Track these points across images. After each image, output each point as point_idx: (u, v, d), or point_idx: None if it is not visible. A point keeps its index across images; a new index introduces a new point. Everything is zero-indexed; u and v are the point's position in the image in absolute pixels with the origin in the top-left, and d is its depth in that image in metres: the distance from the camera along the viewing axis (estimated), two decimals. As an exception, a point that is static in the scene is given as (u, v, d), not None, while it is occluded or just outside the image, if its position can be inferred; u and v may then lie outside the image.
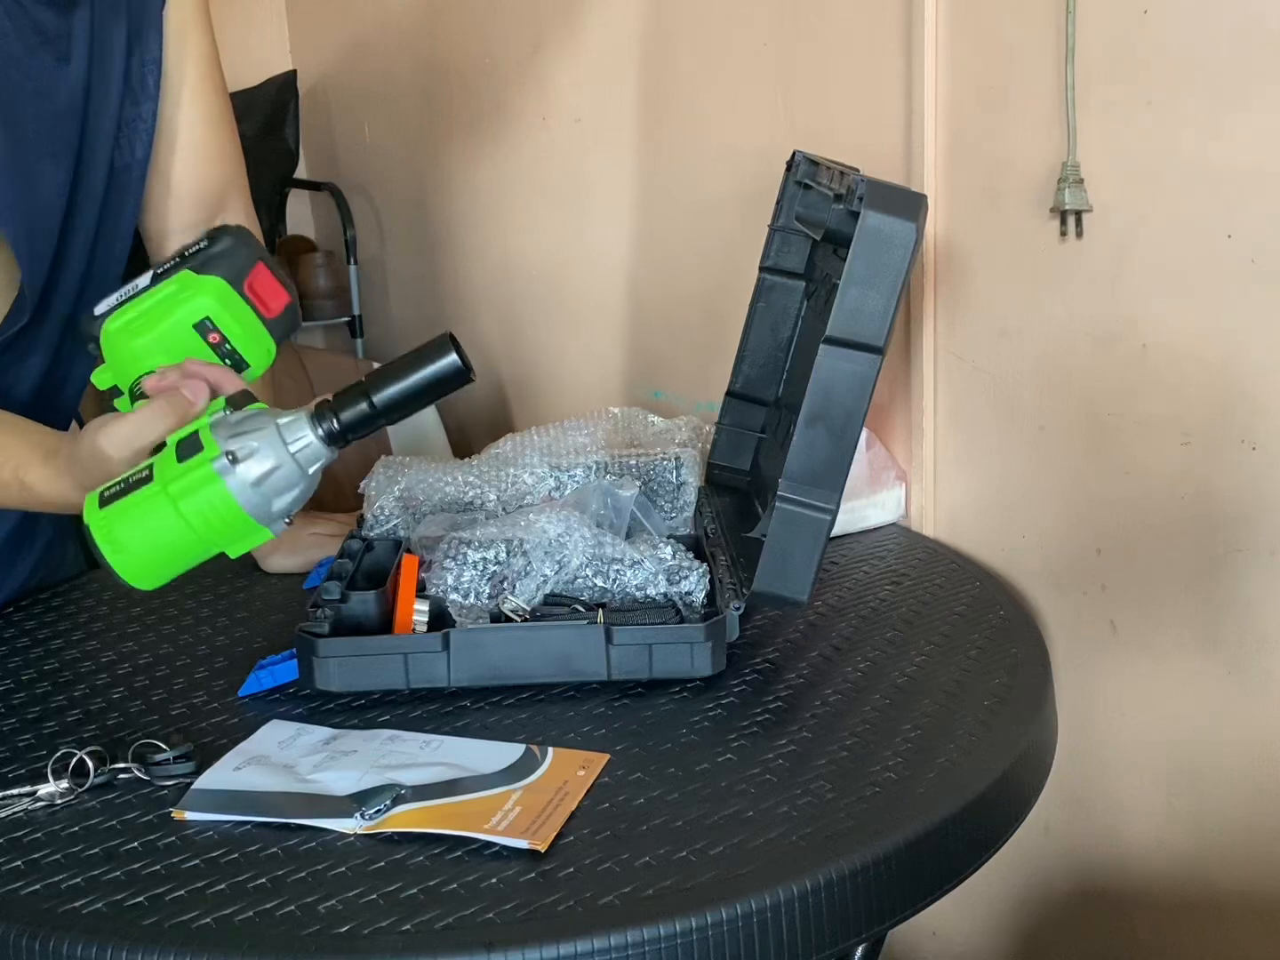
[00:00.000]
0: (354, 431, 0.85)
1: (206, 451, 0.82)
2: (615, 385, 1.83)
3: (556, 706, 0.95)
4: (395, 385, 0.85)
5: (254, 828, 0.80)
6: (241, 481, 0.82)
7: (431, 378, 0.85)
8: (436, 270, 2.29)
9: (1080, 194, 1.10)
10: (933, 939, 1.43)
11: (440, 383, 0.85)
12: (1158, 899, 1.19)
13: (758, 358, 1.26)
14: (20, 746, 0.93)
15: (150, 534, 0.82)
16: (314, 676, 0.96)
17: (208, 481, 0.82)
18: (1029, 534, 1.24)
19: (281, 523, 0.84)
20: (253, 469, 0.82)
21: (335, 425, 0.85)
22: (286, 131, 2.49)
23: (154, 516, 0.82)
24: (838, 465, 0.97)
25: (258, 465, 0.82)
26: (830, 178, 1.07)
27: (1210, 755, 1.12)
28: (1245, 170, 1.00)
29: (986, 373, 1.24)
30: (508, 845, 0.76)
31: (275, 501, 0.83)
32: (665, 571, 1.03)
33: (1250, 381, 1.03)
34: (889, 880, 0.76)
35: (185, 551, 0.84)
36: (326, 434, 0.85)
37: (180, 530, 0.82)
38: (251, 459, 0.82)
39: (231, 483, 0.82)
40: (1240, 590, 1.07)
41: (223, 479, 0.81)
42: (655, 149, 1.67)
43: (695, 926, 0.70)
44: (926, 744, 0.88)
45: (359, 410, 0.85)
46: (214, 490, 0.82)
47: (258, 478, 0.82)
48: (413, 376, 0.85)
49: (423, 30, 2.17)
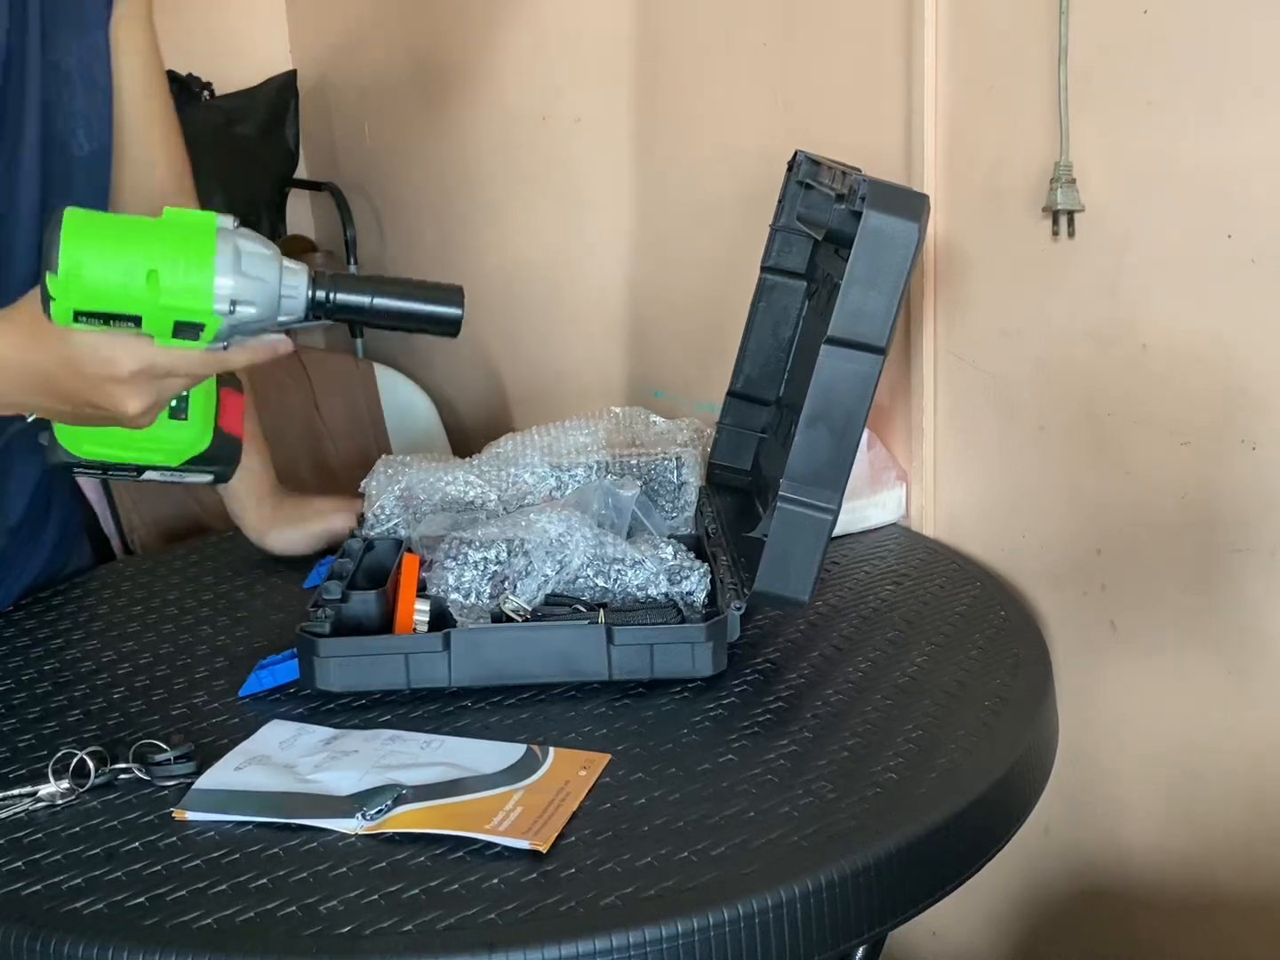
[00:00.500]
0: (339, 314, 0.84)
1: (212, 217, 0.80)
2: (615, 385, 1.83)
3: (557, 706, 0.95)
4: (398, 301, 0.85)
5: (255, 828, 0.80)
6: (229, 247, 0.79)
7: (431, 314, 0.85)
8: (436, 270, 2.29)
9: (1072, 194, 1.10)
10: (933, 939, 1.43)
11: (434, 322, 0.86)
12: (1158, 899, 1.19)
13: (759, 358, 1.26)
14: (21, 747, 0.93)
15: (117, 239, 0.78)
16: (315, 676, 0.96)
17: (205, 224, 0.79)
18: (1029, 534, 1.24)
19: (223, 321, 0.80)
20: (244, 256, 0.79)
21: (328, 299, 0.83)
22: (286, 131, 2.49)
23: (132, 230, 0.78)
24: (839, 465, 0.97)
25: (250, 262, 0.79)
26: (832, 178, 1.07)
27: (1210, 755, 1.12)
28: (1245, 170, 1.00)
29: (986, 373, 1.25)
30: (509, 846, 0.76)
31: (241, 286, 0.79)
32: (666, 571, 1.03)
33: (1250, 381, 1.03)
34: (890, 881, 0.76)
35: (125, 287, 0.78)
36: (315, 299, 0.83)
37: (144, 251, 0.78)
38: (248, 250, 0.80)
39: (222, 246, 0.79)
40: (1240, 590, 1.07)
41: (218, 232, 0.79)
42: (655, 149, 1.67)
43: (697, 927, 0.70)
44: (927, 744, 0.88)
45: (357, 300, 0.84)
46: (206, 233, 0.79)
47: (244, 263, 0.79)
48: (417, 304, 0.85)
49: (423, 30, 2.17)
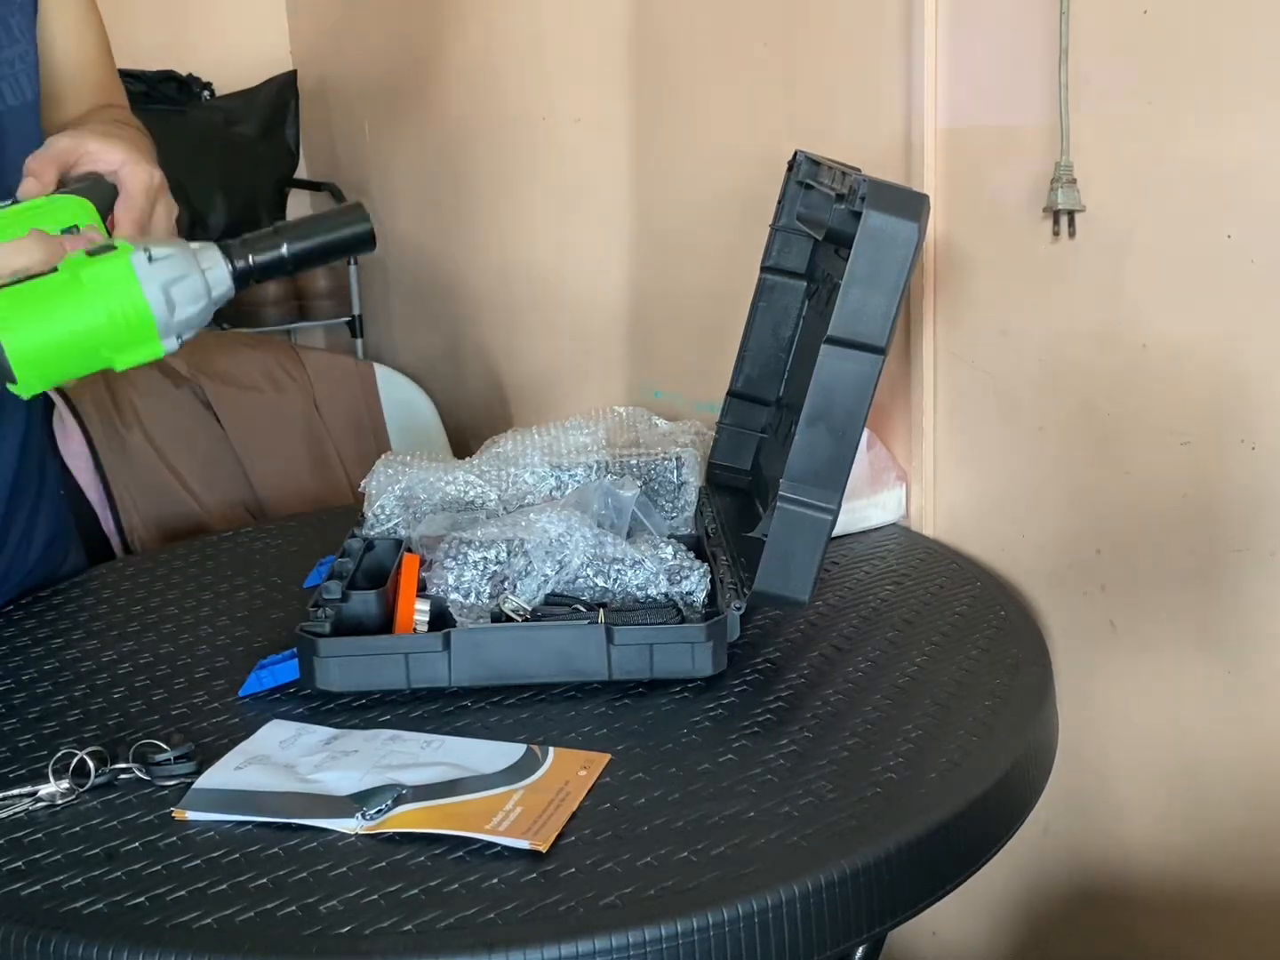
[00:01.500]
0: (262, 273, 0.87)
1: (123, 249, 0.82)
2: (615, 385, 1.83)
3: (557, 706, 0.95)
4: (310, 239, 0.88)
5: (255, 828, 0.80)
6: (154, 279, 0.82)
7: (343, 239, 0.89)
8: (436, 270, 2.29)
9: (1073, 194, 1.10)
10: (933, 939, 1.43)
11: (350, 245, 0.89)
12: (1158, 899, 1.19)
13: (759, 358, 1.26)
14: (21, 746, 0.93)
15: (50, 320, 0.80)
16: (315, 676, 0.96)
17: (122, 272, 0.81)
18: (1029, 534, 1.24)
19: (175, 340, 0.84)
20: (166, 270, 0.82)
21: (247, 263, 0.86)
22: (286, 131, 2.49)
23: (59, 302, 0.81)
24: (839, 465, 0.97)
25: (170, 269, 0.83)
26: (832, 178, 1.07)
27: (1210, 755, 1.12)
28: (1245, 170, 1.00)
29: (986, 373, 1.25)
30: (509, 845, 0.76)
31: (178, 310, 0.83)
32: (666, 571, 1.03)
33: (1250, 381, 1.03)
34: (890, 881, 0.76)
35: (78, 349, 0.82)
36: (236, 269, 0.86)
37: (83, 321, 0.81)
38: (166, 261, 0.83)
39: (144, 277, 0.81)
40: (1240, 590, 1.07)
41: (136, 271, 0.81)
42: (655, 149, 1.67)
43: (696, 927, 0.70)
44: (927, 744, 0.88)
45: (273, 255, 0.87)
46: (126, 282, 0.81)
47: (169, 280, 0.82)
48: (326, 235, 0.88)
49: (423, 30, 2.17)
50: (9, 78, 1.08)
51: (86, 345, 0.81)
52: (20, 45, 1.09)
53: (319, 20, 2.57)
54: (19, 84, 1.09)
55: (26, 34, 1.09)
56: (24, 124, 1.09)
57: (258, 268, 0.87)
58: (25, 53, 1.09)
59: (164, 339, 0.83)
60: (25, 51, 1.09)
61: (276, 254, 0.87)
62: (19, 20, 1.08)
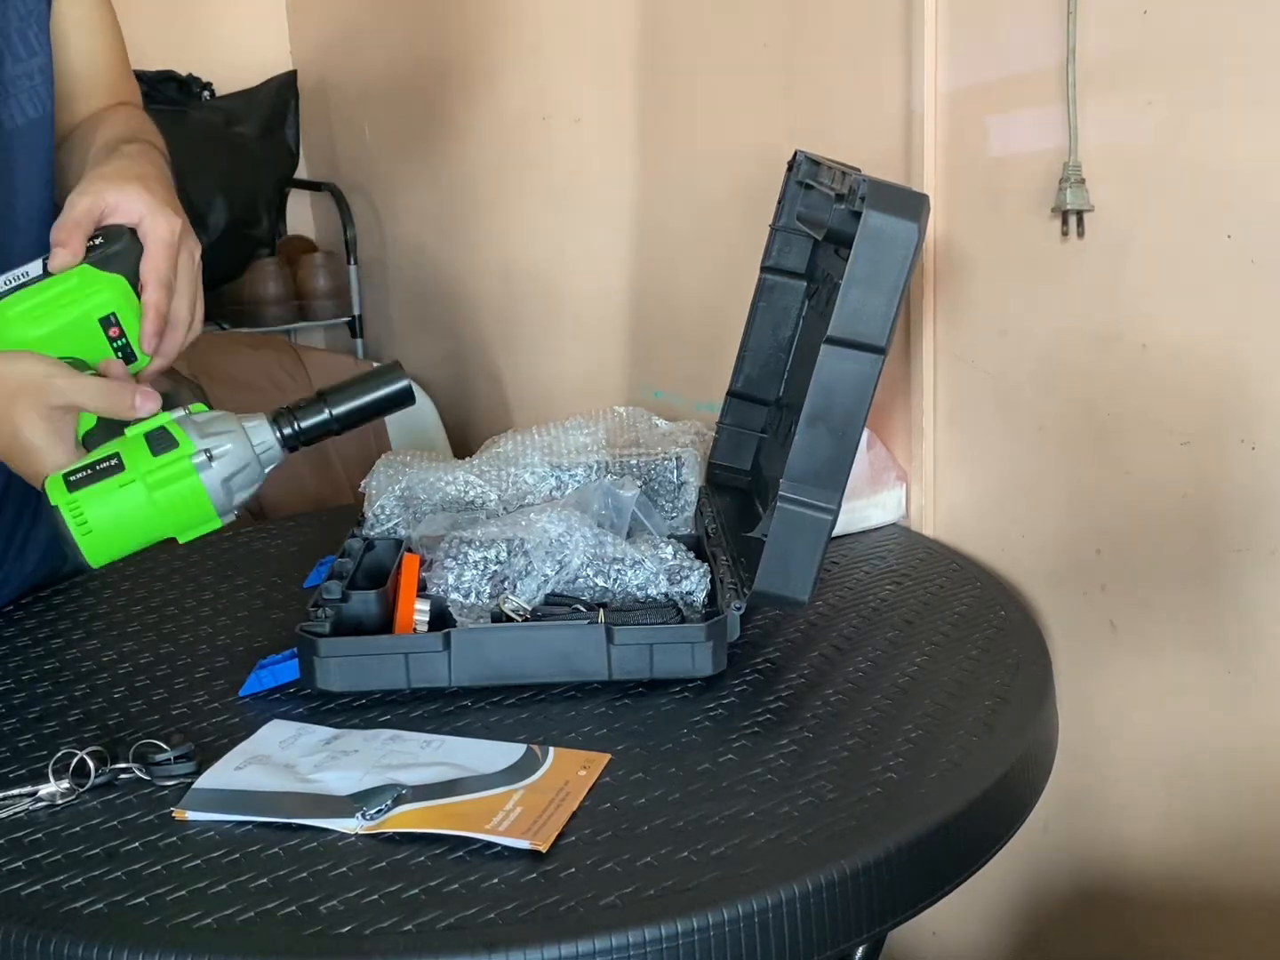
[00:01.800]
0: (310, 437, 0.94)
1: (183, 448, 0.89)
2: (615, 385, 1.83)
3: (557, 706, 0.95)
4: (353, 401, 0.94)
5: (255, 828, 0.80)
6: (214, 478, 0.89)
7: (384, 398, 0.95)
8: (436, 270, 2.29)
9: (1082, 194, 1.10)
10: (933, 939, 1.43)
11: (390, 402, 0.95)
12: (1158, 899, 1.19)
13: (759, 358, 1.26)
14: (21, 746, 0.93)
15: (121, 518, 0.88)
16: (315, 676, 0.96)
17: (185, 475, 0.89)
18: (1029, 534, 1.24)
19: (232, 514, 0.92)
20: (226, 467, 0.90)
21: (294, 430, 0.93)
22: (286, 131, 2.49)
23: (128, 503, 0.88)
24: (839, 465, 0.97)
25: (229, 465, 0.90)
26: (832, 178, 1.07)
27: (1210, 755, 1.12)
28: (1245, 170, 1.00)
29: (986, 373, 1.25)
30: (509, 845, 0.76)
31: (236, 496, 0.91)
32: (666, 571, 1.03)
33: (1250, 381, 1.03)
34: (890, 880, 0.76)
35: (146, 534, 0.90)
36: (285, 438, 0.93)
37: (149, 517, 0.89)
38: (225, 458, 0.90)
39: (206, 478, 0.89)
40: (1240, 590, 1.07)
41: (199, 474, 0.89)
42: (655, 149, 1.67)
43: (697, 927, 0.70)
44: (928, 744, 0.88)
45: (319, 419, 0.94)
46: (189, 484, 0.89)
47: (229, 475, 0.90)
48: (369, 395, 0.95)
49: (423, 30, 2.17)
50: (29, 90, 1.07)
51: (151, 532, 0.90)
52: (39, 57, 1.07)
53: (319, 20, 2.57)
54: (38, 96, 1.08)
55: (44, 45, 1.08)
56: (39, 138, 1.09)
57: (305, 433, 0.94)
58: (44, 65, 1.08)
59: (222, 517, 0.91)
60: (44, 64, 1.08)
61: (322, 417, 0.94)
62: (36, 31, 1.07)
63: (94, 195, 0.95)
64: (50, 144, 1.10)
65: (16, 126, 1.06)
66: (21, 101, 1.07)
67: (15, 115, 1.06)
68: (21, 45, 1.06)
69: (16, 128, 1.06)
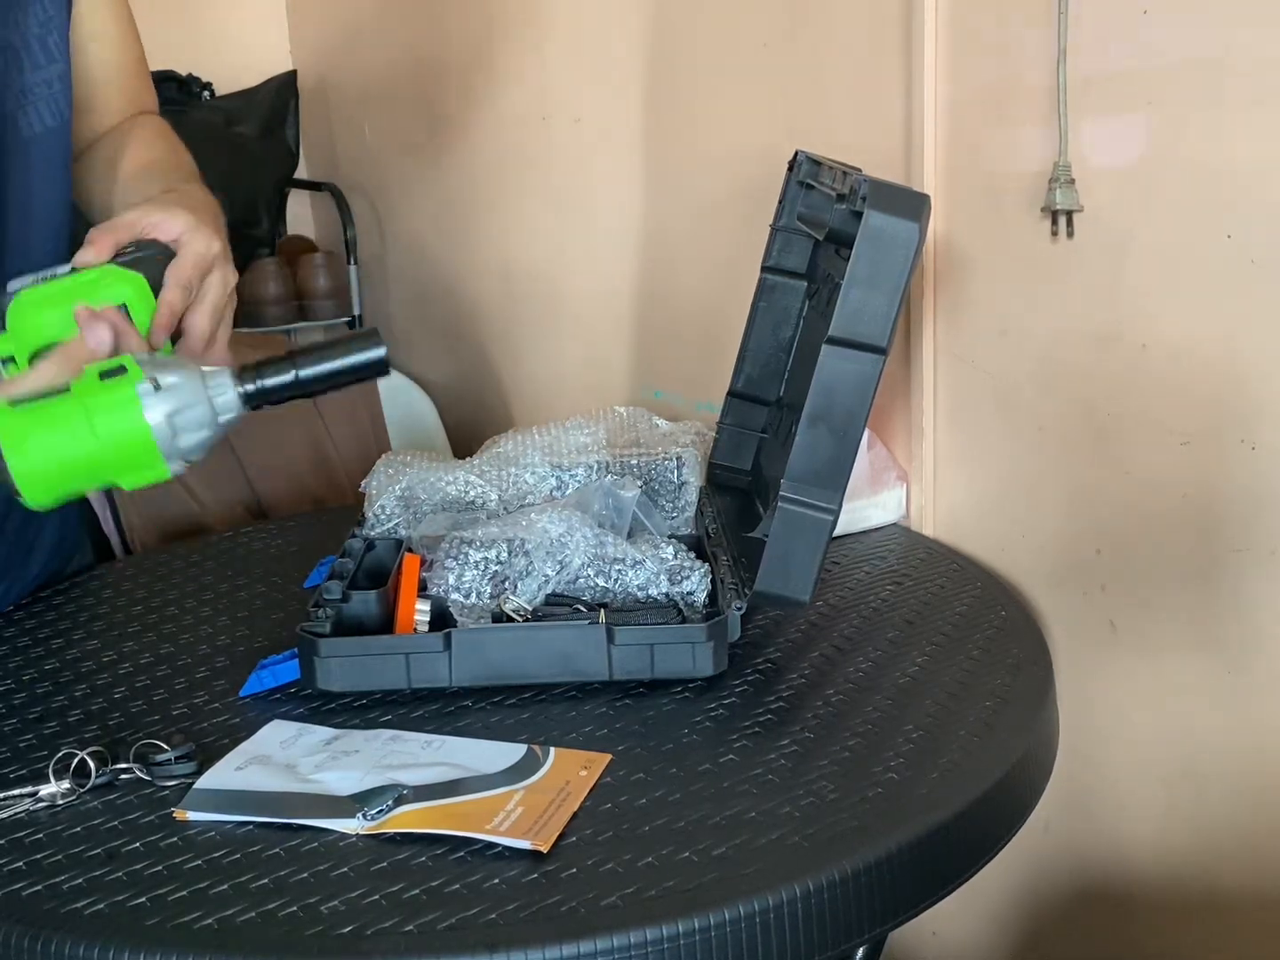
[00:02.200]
0: (272, 396, 0.88)
1: (131, 375, 0.84)
2: (615, 385, 1.83)
3: (558, 707, 0.95)
4: (322, 364, 0.89)
5: (256, 828, 0.80)
6: (158, 408, 0.84)
7: (357, 364, 0.89)
8: (436, 270, 2.29)
9: (1071, 194, 1.10)
10: (933, 939, 1.43)
11: (363, 369, 0.90)
12: (1158, 899, 1.19)
13: (759, 358, 1.26)
14: (21, 747, 0.93)
15: (56, 444, 0.83)
16: (315, 676, 0.96)
17: (127, 402, 0.83)
18: (1029, 534, 1.24)
19: (180, 463, 0.86)
20: (171, 400, 0.84)
21: (256, 387, 0.87)
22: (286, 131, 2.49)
23: (65, 426, 0.83)
24: (840, 465, 0.97)
25: (176, 398, 0.84)
26: (833, 178, 1.07)
27: (1210, 755, 1.12)
28: (1245, 170, 1.00)
29: (986, 373, 1.25)
30: (510, 846, 0.76)
31: (182, 438, 0.85)
32: (667, 571, 1.03)
33: (1250, 381, 1.03)
34: (891, 881, 0.77)
35: (83, 471, 0.85)
36: (246, 392, 0.87)
37: (87, 446, 0.83)
38: (172, 391, 0.84)
39: (148, 406, 0.83)
40: (1240, 590, 1.07)
41: (141, 401, 0.83)
42: (655, 149, 1.67)
43: (697, 927, 0.70)
44: (928, 744, 0.88)
45: (283, 379, 0.88)
46: (131, 411, 0.83)
47: (174, 409, 0.84)
48: (340, 360, 0.89)
49: (423, 31, 2.17)
50: (47, 99, 1.06)
51: (90, 467, 0.84)
52: (59, 65, 1.06)
53: (319, 20, 2.57)
54: (57, 105, 1.07)
55: (64, 52, 1.07)
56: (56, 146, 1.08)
57: (268, 390, 0.88)
58: (63, 72, 1.07)
59: (169, 462, 0.85)
60: (64, 71, 1.07)
61: (287, 378, 0.88)
62: (55, 39, 1.06)
63: (141, 212, 0.94)
64: (67, 152, 1.09)
65: (35, 134, 1.06)
66: (40, 109, 1.06)
67: (34, 123, 1.05)
68: (41, 52, 1.05)
69: (35, 135, 1.06)
